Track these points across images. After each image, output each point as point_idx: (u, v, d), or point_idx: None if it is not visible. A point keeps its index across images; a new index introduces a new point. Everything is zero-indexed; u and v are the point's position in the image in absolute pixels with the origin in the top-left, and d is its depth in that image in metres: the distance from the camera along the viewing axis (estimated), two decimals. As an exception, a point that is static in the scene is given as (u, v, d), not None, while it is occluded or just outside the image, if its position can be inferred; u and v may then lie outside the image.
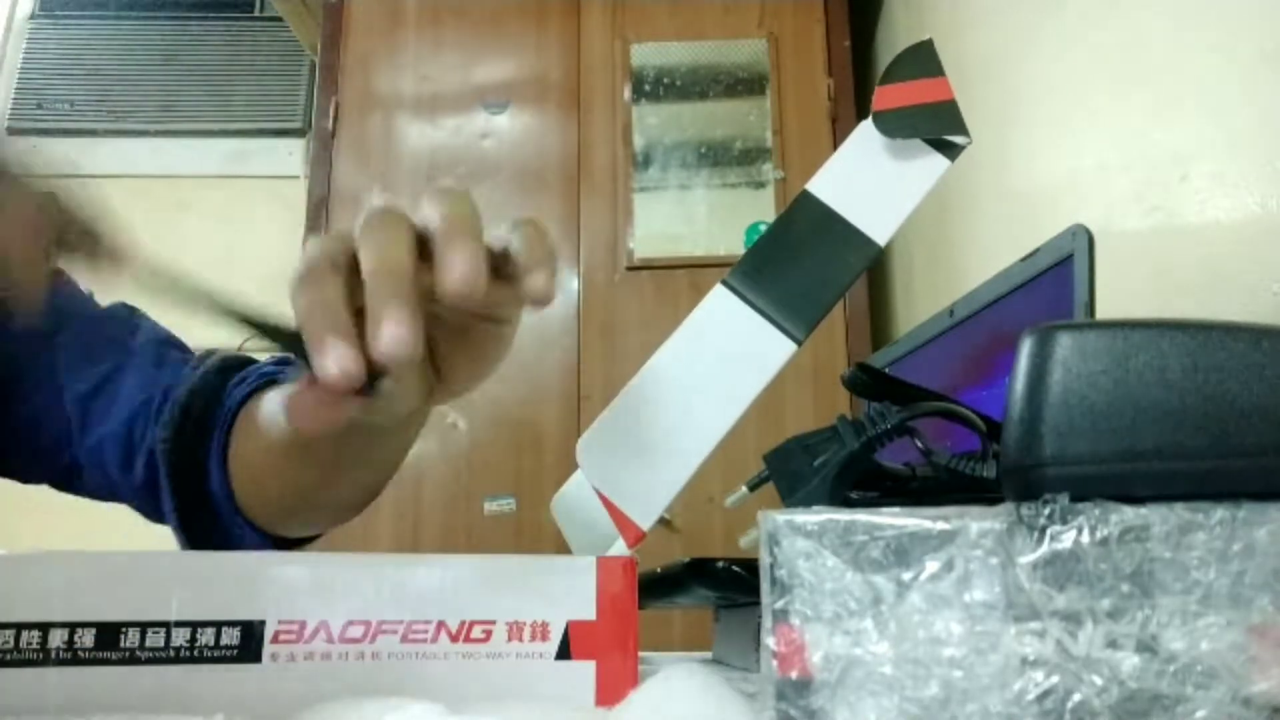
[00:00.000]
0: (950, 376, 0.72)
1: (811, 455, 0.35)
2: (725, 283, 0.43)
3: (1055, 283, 0.59)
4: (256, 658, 0.34)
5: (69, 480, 0.60)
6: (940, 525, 0.25)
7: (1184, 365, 0.26)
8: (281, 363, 0.57)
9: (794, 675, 0.25)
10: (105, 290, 0.60)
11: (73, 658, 0.33)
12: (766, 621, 0.25)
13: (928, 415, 0.36)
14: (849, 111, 1.92)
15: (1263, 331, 0.27)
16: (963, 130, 0.42)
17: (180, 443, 0.55)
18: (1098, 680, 0.24)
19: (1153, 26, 0.91)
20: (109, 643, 0.33)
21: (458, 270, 0.32)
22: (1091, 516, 0.25)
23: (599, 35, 2.02)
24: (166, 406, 0.56)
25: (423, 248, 0.34)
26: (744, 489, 0.39)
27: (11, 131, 2.88)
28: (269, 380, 0.56)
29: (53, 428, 0.59)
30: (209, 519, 0.56)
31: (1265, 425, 0.26)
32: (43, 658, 0.32)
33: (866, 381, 0.38)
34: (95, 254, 0.33)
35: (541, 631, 0.36)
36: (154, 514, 0.58)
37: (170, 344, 0.62)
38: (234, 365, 0.58)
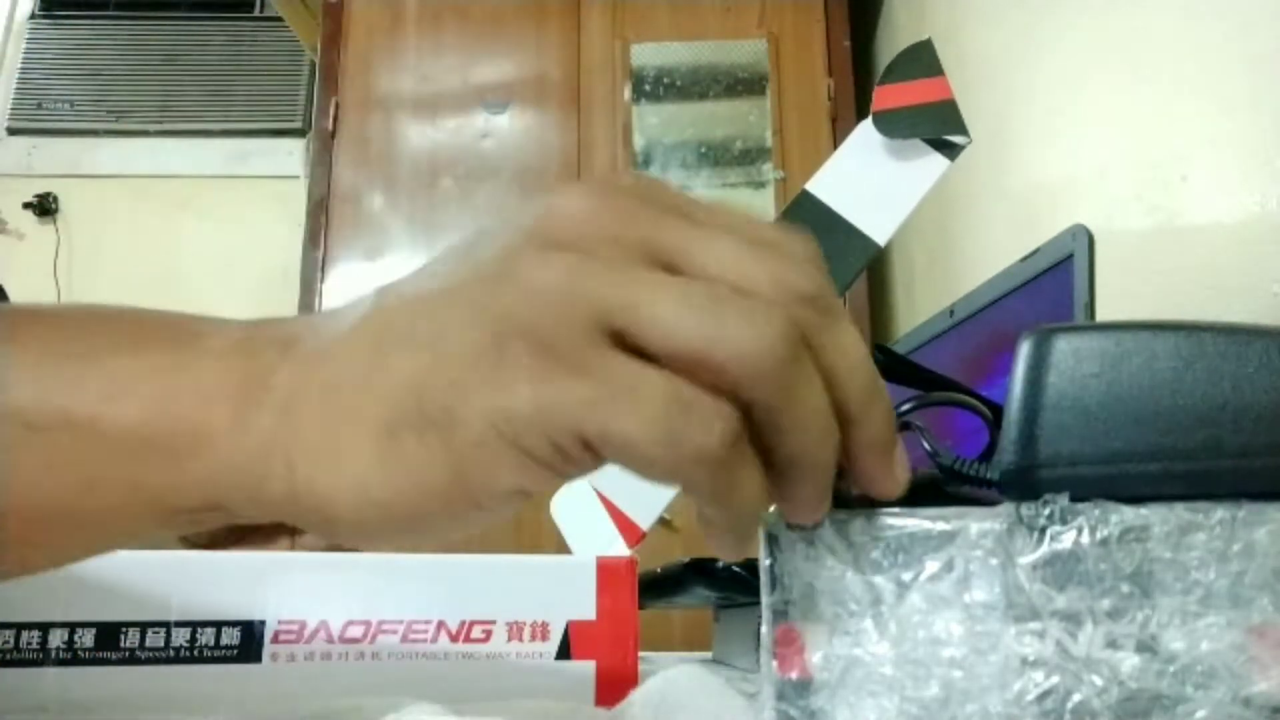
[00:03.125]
0: (950, 376, 0.72)
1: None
2: (725, 283, 0.43)
3: (1055, 283, 0.59)
4: (256, 658, 0.34)
5: None
6: (940, 525, 0.25)
7: (1179, 366, 0.26)
8: None
9: (794, 675, 0.25)
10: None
11: (73, 658, 0.33)
12: (766, 621, 0.25)
13: (930, 405, 0.36)
14: (849, 111, 1.92)
15: (1259, 332, 0.27)
16: (962, 130, 0.42)
17: None
18: (1098, 680, 0.24)
19: (1153, 26, 0.91)
20: (109, 643, 0.33)
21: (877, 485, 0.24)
22: (1091, 517, 0.25)
23: (599, 35, 2.02)
24: None
25: None
26: None
27: (11, 132, 2.88)
28: None
29: None
30: None
31: (1262, 426, 0.26)
32: (43, 658, 0.32)
33: (883, 363, 0.38)
34: None
35: (541, 631, 0.36)
36: None
37: None
38: None
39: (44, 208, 2.79)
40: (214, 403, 0.22)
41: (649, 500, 0.40)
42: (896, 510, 0.25)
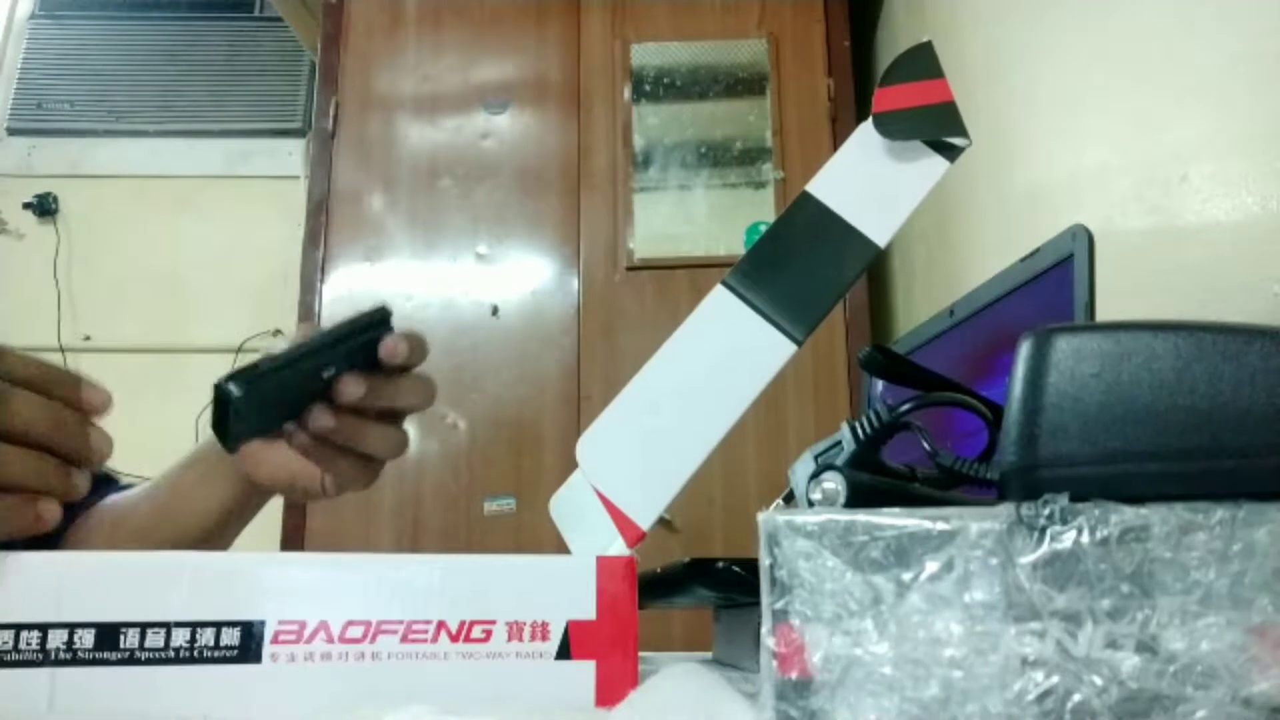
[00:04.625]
0: (950, 376, 0.72)
1: (825, 464, 0.35)
2: (725, 283, 0.43)
3: (1055, 283, 0.59)
4: (256, 658, 0.34)
5: None
6: (940, 525, 0.25)
7: (1177, 366, 0.26)
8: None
9: (794, 675, 0.25)
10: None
11: (73, 658, 0.33)
12: (766, 621, 0.25)
13: (930, 406, 0.36)
14: (849, 112, 1.92)
15: (1256, 332, 0.27)
16: (962, 132, 0.42)
17: None
18: (1098, 680, 0.24)
19: (1153, 26, 0.91)
20: (109, 643, 0.33)
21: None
22: (1091, 516, 0.25)
23: (599, 35, 2.01)
24: None
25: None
26: (779, 503, 0.40)
27: (11, 132, 2.88)
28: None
29: None
30: None
31: (1258, 426, 0.26)
32: (43, 658, 0.32)
33: (882, 362, 0.38)
34: None
35: (541, 631, 0.36)
36: None
37: None
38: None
39: (44, 208, 2.79)
40: None
41: (649, 500, 0.40)
42: (896, 510, 0.25)
